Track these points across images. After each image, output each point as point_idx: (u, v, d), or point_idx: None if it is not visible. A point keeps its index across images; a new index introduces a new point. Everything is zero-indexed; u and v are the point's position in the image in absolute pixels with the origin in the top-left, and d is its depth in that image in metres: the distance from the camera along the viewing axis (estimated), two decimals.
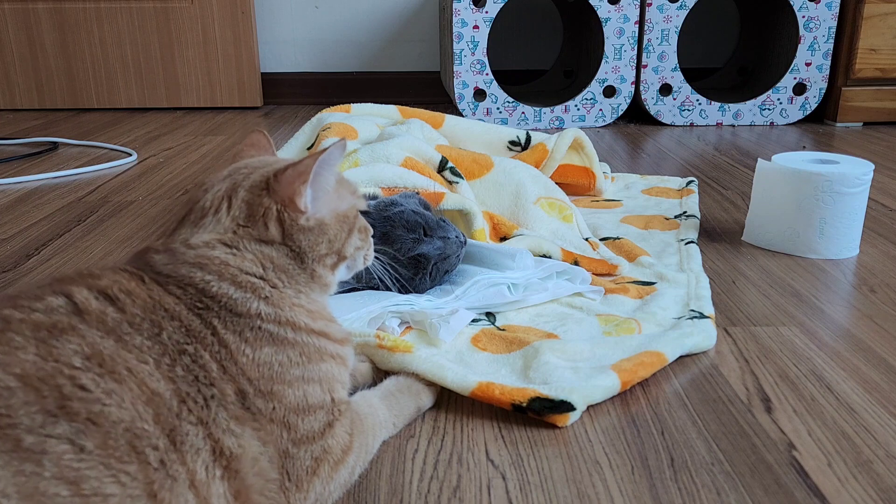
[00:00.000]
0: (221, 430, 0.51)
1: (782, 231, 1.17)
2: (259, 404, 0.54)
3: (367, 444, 0.64)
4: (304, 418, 0.57)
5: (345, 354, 0.64)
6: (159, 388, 0.48)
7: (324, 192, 0.62)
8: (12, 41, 2.63)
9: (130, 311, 0.52)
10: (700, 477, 0.64)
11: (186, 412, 0.49)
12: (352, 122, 1.28)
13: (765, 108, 2.33)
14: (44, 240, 1.28)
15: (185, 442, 0.48)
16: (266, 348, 0.56)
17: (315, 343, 0.60)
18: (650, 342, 0.84)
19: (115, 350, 0.48)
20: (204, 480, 0.49)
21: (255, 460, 0.53)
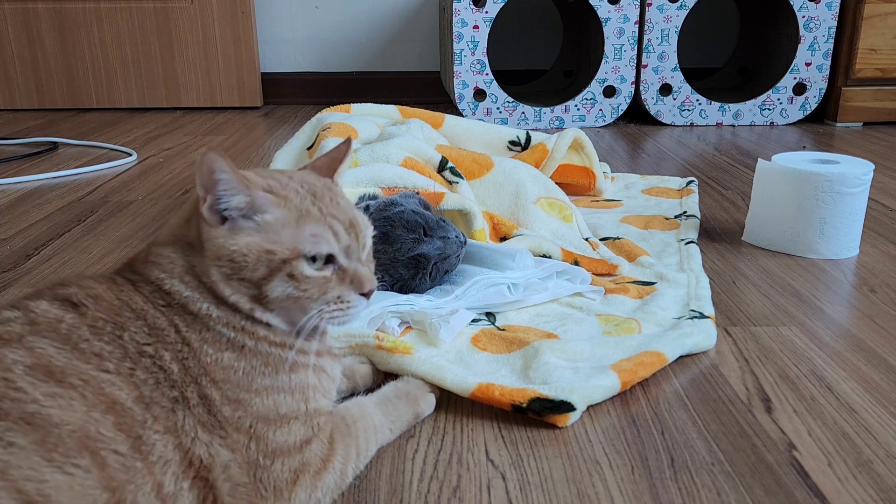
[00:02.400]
0: (190, 439, 0.51)
1: (782, 231, 1.17)
2: (226, 412, 0.54)
3: (359, 449, 0.64)
4: (276, 430, 0.56)
5: (323, 365, 0.62)
6: (120, 395, 0.49)
7: (236, 211, 0.57)
8: (12, 41, 2.62)
9: (93, 314, 0.53)
10: (700, 477, 0.64)
11: (152, 420, 0.50)
12: (352, 122, 1.28)
13: (765, 108, 2.33)
14: (44, 240, 1.28)
15: (153, 452, 0.49)
16: (227, 353, 0.56)
17: (280, 354, 0.59)
18: (650, 342, 0.84)
19: (67, 359, 0.48)
20: (171, 493, 0.49)
21: (226, 467, 0.53)
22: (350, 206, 0.63)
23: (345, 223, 0.60)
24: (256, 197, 0.57)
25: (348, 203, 0.63)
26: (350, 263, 0.60)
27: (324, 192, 0.61)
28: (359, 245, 0.61)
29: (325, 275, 0.59)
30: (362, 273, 0.61)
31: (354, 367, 0.79)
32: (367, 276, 0.61)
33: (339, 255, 0.60)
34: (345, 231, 0.60)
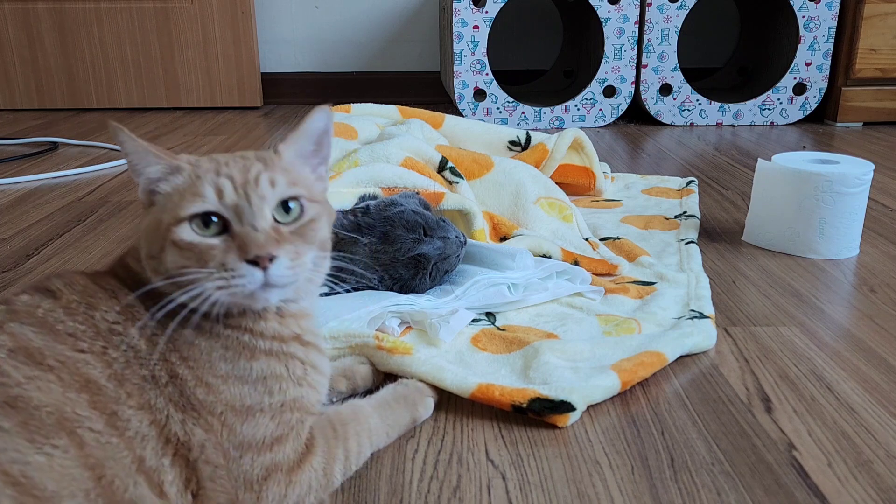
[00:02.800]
0: (164, 416, 0.52)
1: (782, 231, 1.17)
2: (199, 394, 0.54)
3: (348, 451, 0.63)
4: (243, 422, 0.56)
5: (293, 352, 0.60)
6: (94, 374, 0.50)
7: (146, 180, 0.57)
8: (12, 41, 2.63)
9: (67, 298, 0.54)
10: (700, 477, 0.64)
11: (125, 396, 0.51)
12: (352, 122, 1.28)
13: (765, 108, 2.33)
14: (44, 240, 1.28)
15: (129, 427, 0.50)
16: (188, 330, 0.56)
17: (238, 337, 0.57)
18: (650, 342, 0.84)
19: (45, 342, 0.50)
20: (154, 467, 0.50)
21: (203, 447, 0.54)
22: (265, 170, 0.57)
23: (239, 182, 0.55)
24: (167, 165, 0.57)
25: (267, 168, 0.58)
26: (242, 227, 0.55)
27: (238, 159, 0.58)
28: (252, 207, 0.55)
29: (210, 241, 0.54)
30: (249, 236, 0.54)
31: (354, 368, 0.78)
32: (254, 239, 0.54)
33: (228, 217, 0.55)
34: (233, 189, 0.55)
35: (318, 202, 0.60)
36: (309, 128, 0.62)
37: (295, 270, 0.56)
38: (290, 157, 0.62)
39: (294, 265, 0.55)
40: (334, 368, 0.77)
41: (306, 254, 0.57)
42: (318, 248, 0.59)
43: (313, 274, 0.59)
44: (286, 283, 0.55)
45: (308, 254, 0.57)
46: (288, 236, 0.56)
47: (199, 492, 0.53)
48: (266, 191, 0.56)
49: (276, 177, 0.57)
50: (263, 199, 0.56)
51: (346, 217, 0.97)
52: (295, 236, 0.57)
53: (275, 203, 0.57)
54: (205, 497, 0.53)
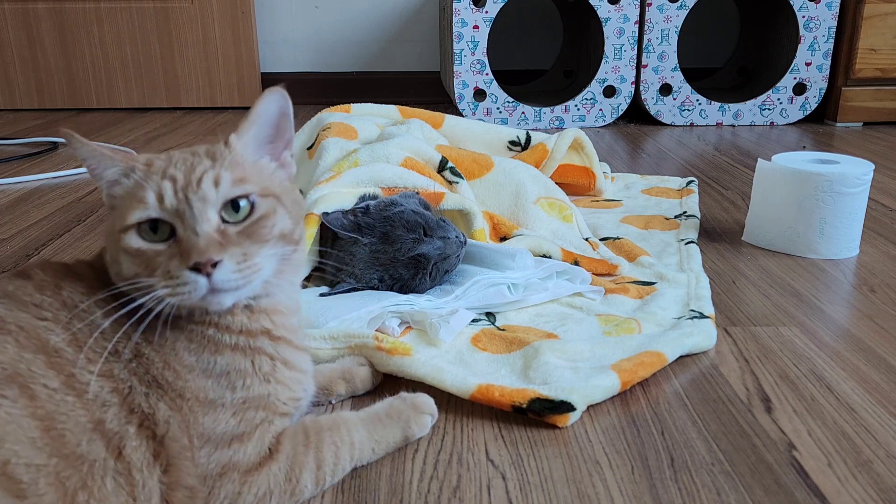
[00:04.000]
0: (127, 387, 0.53)
1: (782, 231, 1.17)
2: (168, 377, 0.55)
3: (320, 460, 0.61)
4: (204, 414, 0.56)
5: (261, 347, 0.59)
6: (53, 339, 0.52)
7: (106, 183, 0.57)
8: (12, 41, 2.62)
9: (39, 278, 0.56)
10: (700, 477, 0.64)
11: (86, 362, 0.52)
12: (352, 122, 1.28)
13: (765, 108, 2.33)
14: (44, 240, 1.28)
15: (88, 391, 0.51)
16: (160, 328, 0.56)
17: (203, 331, 0.57)
18: (650, 342, 0.84)
19: (7, 310, 0.52)
20: (116, 431, 0.51)
21: (168, 423, 0.54)
22: (211, 168, 0.56)
23: (180, 185, 0.54)
24: (122, 167, 0.56)
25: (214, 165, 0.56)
26: (184, 232, 0.54)
27: (189, 156, 0.57)
28: (193, 210, 0.53)
29: (156, 248, 0.54)
30: (190, 242, 0.53)
31: (354, 370, 0.77)
32: (195, 245, 0.53)
33: (171, 222, 0.54)
34: (174, 193, 0.54)
35: (273, 196, 0.58)
36: (261, 113, 0.60)
37: (244, 273, 0.54)
38: (243, 147, 0.59)
39: (242, 268, 0.54)
40: (333, 370, 0.77)
41: (257, 254, 0.55)
42: (279, 242, 0.58)
43: (282, 267, 0.59)
44: (236, 287, 0.54)
45: (260, 253, 0.56)
46: (235, 238, 0.55)
47: (169, 468, 0.53)
48: (208, 192, 0.54)
49: (221, 175, 0.55)
50: (205, 202, 0.54)
51: (346, 217, 0.97)
52: (243, 237, 0.55)
53: (219, 204, 0.55)
54: (174, 473, 0.54)
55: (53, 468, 0.47)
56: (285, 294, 0.63)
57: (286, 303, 0.63)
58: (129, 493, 0.51)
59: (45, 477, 0.47)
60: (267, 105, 0.60)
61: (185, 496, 0.54)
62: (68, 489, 0.47)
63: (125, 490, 0.51)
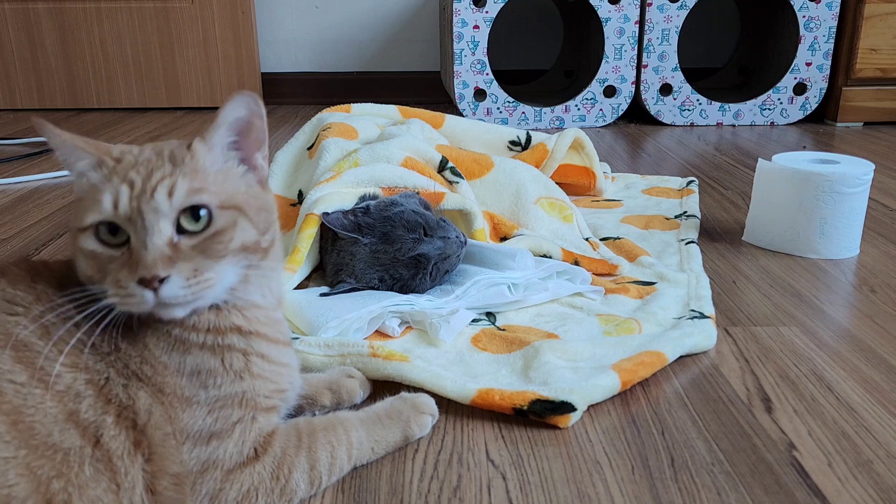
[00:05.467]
0: (105, 378, 0.53)
1: (783, 231, 1.17)
2: (147, 371, 0.55)
3: (314, 460, 0.61)
4: (184, 410, 0.56)
5: (231, 343, 0.58)
6: (24, 333, 0.52)
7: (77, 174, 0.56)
8: (12, 41, 2.62)
9: (14, 272, 0.56)
10: (700, 477, 0.64)
11: (57, 353, 0.52)
12: (352, 122, 1.28)
13: (765, 108, 2.33)
14: (44, 239, 1.28)
15: (59, 383, 0.51)
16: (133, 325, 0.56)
17: (170, 331, 0.57)
18: (650, 342, 0.84)
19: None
20: (92, 421, 0.51)
21: (149, 412, 0.54)
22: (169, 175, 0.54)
23: (137, 191, 0.53)
24: (93, 159, 0.55)
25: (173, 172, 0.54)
26: (136, 241, 0.52)
27: (153, 157, 0.55)
28: (144, 221, 0.52)
29: (110, 253, 0.53)
30: (139, 255, 0.52)
31: (341, 381, 0.75)
32: (142, 259, 0.51)
33: (127, 229, 0.53)
34: (128, 199, 0.52)
35: (234, 208, 0.56)
36: (228, 116, 0.58)
37: (193, 289, 0.53)
38: (207, 154, 0.57)
39: (191, 283, 0.52)
40: (320, 380, 0.75)
41: (210, 269, 0.54)
42: (239, 254, 0.56)
43: (249, 273, 0.57)
44: (185, 302, 0.53)
45: (214, 268, 0.54)
46: (187, 252, 0.53)
47: (152, 456, 0.54)
48: (161, 203, 0.53)
49: (177, 184, 0.53)
50: (157, 213, 0.52)
51: (346, 217, 0.97)
52: (196, 251, 0.54)
53: (173, 215, 0.53)
54: (158, 462, 0.54)
55: (23, 459, 0.48)
56: (258, 292, 0.61)
57: (261, 300, 0.62)
58: (112, 480, 0.51)
59: (14, 468, 0.47)
60: (233, 109, 0.58)
61: (170, 483, 0.54)
62: (41, 477, 0.48)
63: (106, 476, 0.51)
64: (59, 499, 0.48)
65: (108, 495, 0.51)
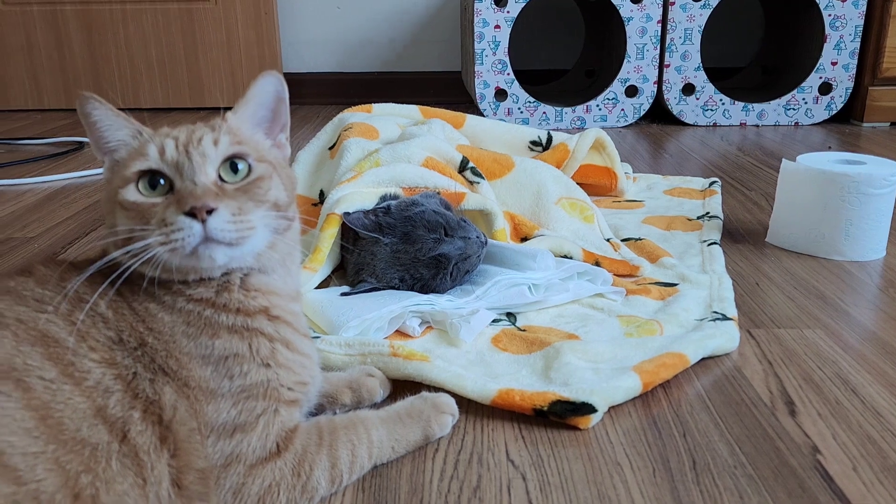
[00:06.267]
0: (131, 374, 0.54)
1: (807, 232, 1.16)
2: (172, 364, 0.56)
3: (335, 458, 0.61)
4: (208, 403, 0.56)
5: (260, 327, 0.59)
6: (54, 329, 0.53)
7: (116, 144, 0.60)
8: (41, 42, 2.67)
9: (42, 272, 0.57)
10: (722, 480, 0.63)
11: (87, 349, 0.53)
12: (373, 122, 1.28)
13: (789, 108, 2.31)
14: (70, 238, 1.30)
15: (88, 378, 0.52)
16: (151, 304, 0.57)
17: (200, 312, 0.58)
18: (672, 343, 0.83)
19: (7, 305, 0.53)
20: (120, 416, 0.52)
21: (174, 408, 0.55)
22: (210, 132, 0.58)
23: (182, 142, 0.57)
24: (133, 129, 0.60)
25: (213, 131, 0.59)
26: (182, 183, 0.56)
27: (188, 126, 0.60)
28: (192, 163, 0.56)
29: (152, 200, 0.56)
30: (188, 190, 0.55)
31: (361, 380, 0.76)
32: (191, 192, 0.55)
33: (170, 174, 0.56)
34: (175, 147, 0.57)
35: (269, 163, 0.61)
36: (256, 93, 0.63)
37: (238, 227, 0.55)
38: (239, 122, 0.63)
39: (236, 220, 0.55)
40: (340, 379, 0.75)
41: (252, 211, 0.57)
42: (272, 208, 0.59)
43: (275, 241, 0.60)
44: (230, 240, 0.55)
45: (255, 211, 0.57)
46: (231, 192, 0.57)
47: (177, 452, 0.54)
48: (208, 149, 0.57)
49: (219, 137, 0.58)
50: (205, 157, 0.57)
51: (367, 217, 0.97)
52: (239, 193, 0.57)
53: (218, 161, 0.58)
54: (183, 457, 0.54)
55: (51, 454, 0.48)
56: (280, 278, 0.63)
57: (282, 287, 0.64)
58: (138, 475, 0.52)
59: (43, 463, 0.48)
60: (262, 87, 0.63)
61: (196, 478, 0.55)
62: (69, 472, 0.49)
63: (132, 471, 0.52)
64: (86, 493, 0.49)
65: (135, 490, 0.51)
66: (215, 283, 0.60)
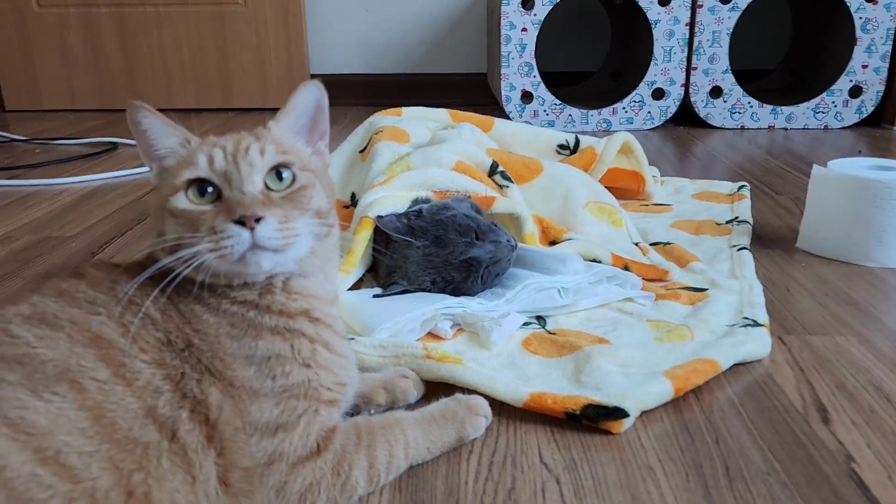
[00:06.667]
0: (179, 374, 0.56)
1: (839, 238, 1.15)
2: (217, 365, 0.58)
3: (373, 458, 0.62)
4: (251, 403, 0.58)
5: (301, 329, 0.61)
6: (106, 331, 0.55)
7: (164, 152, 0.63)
8: (75, 43, 2.72)
9: (92, 275, 0.59)
10: (756, 486, 0.64)
11: (138, 351, 0.55)
12: (403, 126, 1.29)
13: (819, 112, 2.28)
14: (107, 237, 1.33)
15: (139, 379, 0.54)
16: (197, 306, 0.59)
17: (244, 314, 0.59)
18: (703, 349, 0.83)
19: (60, 307, 0.55)
20: (169, 416, 0.54)
21: (220, 408, 0.56)
22: (255, 142, 0.61)
23: (230, 152, 0.59)
24: (182, 137, 0.62)
25: (258, 140, 0.61)
26: (231, 192, 0.58)
27: (234, 135, 0.62)
28: (240, 173, 0.58)
29: (202, 208, 0.58)
30: (237, 199, 0.57)
31: (395, 381, 0.77)
32: (240, 201, 0.57)
33: (218, 183, 0.58)
34: (223, 157, 0.59)
35: (311, 172, 0.63)
36: (298, 102, 0.66)
37: (284, 234, 0.57)
38: (281, 131, 0.65)
39: (283, 227, 0.57)
40: (375, 380, 0.77)
41: (297, 219, 0.59)
42: (315, 215, 0.61)
43: (317, 246, 0.62)
44: (276, 247, 0.57)
45: (300, 219, 0.59)
46: (278, 201, 0.59)
47: (224, 451, 0.56)
48: (255, 158, 0.59)
49: (265, 147, 0.61)
50: (252, 166, 0.59)
51: (399, 220, 0.99)
52: (285, 201, 0.59)
53: (264, 170, 0.60)
54: (228, 455, 0.56)
55: (106, 453, 0.50)
56: (319, 283, 0.65)
57: (322, 291, 0.66)
58: (188, 472, 0.54)
59: (98, 462, 0.50)
60: (303, 96, 0.66)
61: (241, 477, 0.57)
62: (123, 470, 0.50)
63: (182, 469, 0.53)
64: (139, 490, 0.51)
65: (185, 487, 0.53)
66: (258, 286, 0.61)
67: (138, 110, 0.62)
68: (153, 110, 0.62)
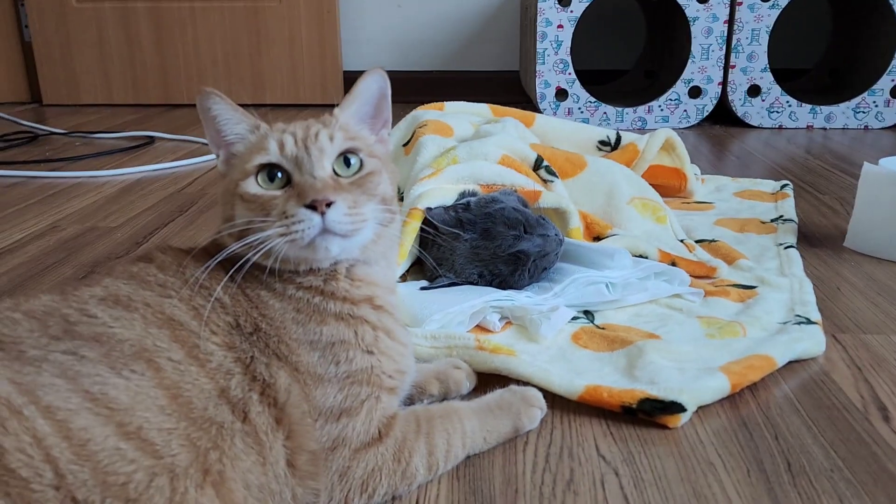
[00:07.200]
0: (249, 357, 0.56)
1: (889, 238, 1.13)
2: (283, 350, 0.58)
3: (432, 447, 0.63)
4: (315, 388, 0.58)
5: (363, 315, 0.62)
6: (178, 313, 0.56)
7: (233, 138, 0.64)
8: (112, 39, 2.75)
9: (161, 259, 0.60)
10: (820, 483, 0.63)
11: (210, 334, 0.55)
12: (447, 120, 1.29)
13: (859, 111, 2.25)
14: (151, 228, 1.35)
15: (212, 360, 0.55)
16: (263, 291, 0.60)
17: (310, 300, 0.60)
18: (758, 346, 0.82)
19: (133, 290, 0.56)
20: (240, 398, 0.54)
21: (288, 391, 0.57)
22: (324, 128, 0.62)
23: (300, 137, 0.60)
24: (250, 123, 0.64)
25: (326, 127, 0.62)
26: (301, 177, 0.59)
27: (302, 122, 0.63)
28: (311, 158, 0.59)
29: (272, 192, 0.59)
30: (308, 184, 0.58)
31: (448, 372, 0.77)
32: (312, 186, 0.57)
33: (289, 168, 0.59)
34: (294, 143, 0.60)
35: (377, 158, 0.64)
36: (363, 90, 0.66)
37: (353, 218, 0.58)
38: (346, 118, 0.66)
39: (352, 213, 0.58)
40: (428, 370, 0.77)
41: (365, 204, 0.60)
42: (380, 201, 0.62)
43: (380, 233, 0.62)
44: (345, 232, 0.58)
45: (367, 205, 0.60)
46: (347, 186, 0.60)
47: (291, 434, 0.56)
48: (325, 144, 0.60)
49: (334, 133, 0.61)
50: (322, 152, 0.60)
51: (447, 213, 0.99)
52: (354, 187, 0.60)
53: (334, 156, 0.60)
54: (296, 439, 0.57)
55: (183, 430, 0.51)
56: (381, 270, 0.66)
57: (383, 279, 0.66)
58: (259, 454, 0.54)
59: (177, 439, 0.50)
60: (368, 83, 0.66)
61: (307, 460, 0.57)
62: (199, 448, 0.51)
63: (255, 450, 0.54)
64: (215, 469, 0.51)
65: (257, 468, 0.54)
66: (323, 273, 0.62)
67: (209, 97, 0.63)
68: (223, 96, 0.63)
